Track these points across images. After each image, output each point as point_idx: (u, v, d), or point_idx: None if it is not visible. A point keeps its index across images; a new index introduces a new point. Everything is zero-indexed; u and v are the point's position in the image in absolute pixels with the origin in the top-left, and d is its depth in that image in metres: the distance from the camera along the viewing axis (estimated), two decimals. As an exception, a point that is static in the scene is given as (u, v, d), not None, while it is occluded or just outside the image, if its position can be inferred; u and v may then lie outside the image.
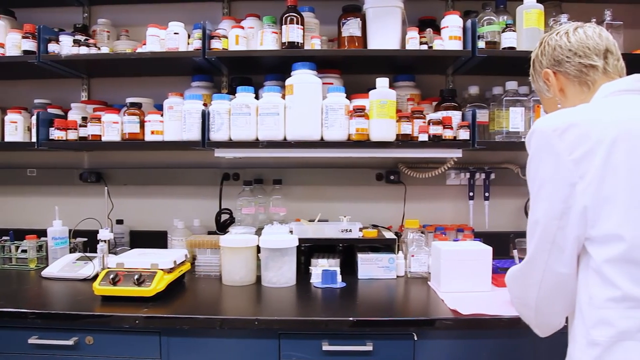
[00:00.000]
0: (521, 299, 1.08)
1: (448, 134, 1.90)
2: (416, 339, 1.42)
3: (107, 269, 1.62)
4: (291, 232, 1.87)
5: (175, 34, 1.95)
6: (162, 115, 1.98)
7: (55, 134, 2.00)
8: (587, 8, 2.10)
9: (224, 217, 2.19)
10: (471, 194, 2.22)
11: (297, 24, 1.89)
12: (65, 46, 2.00)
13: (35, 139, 1.99)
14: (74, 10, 2.32)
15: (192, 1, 2.28)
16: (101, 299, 1.56)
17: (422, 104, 2.09)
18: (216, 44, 1.93)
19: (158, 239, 2.18)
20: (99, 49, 2.05)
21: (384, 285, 1.78)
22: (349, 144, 1.88)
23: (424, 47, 1.92)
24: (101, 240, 1.85)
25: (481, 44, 1.88)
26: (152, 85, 2.30)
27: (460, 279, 1.64)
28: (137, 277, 1.55)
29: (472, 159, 2.24)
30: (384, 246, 1.95)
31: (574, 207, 0.94)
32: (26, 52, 1.98)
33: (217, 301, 1.64)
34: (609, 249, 0.92)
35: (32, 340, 1.45)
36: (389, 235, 1.96)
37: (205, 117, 1.90)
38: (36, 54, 1.97)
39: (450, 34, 1.91)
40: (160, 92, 2.12)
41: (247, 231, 1.88)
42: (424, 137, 1.89)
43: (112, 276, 1.56)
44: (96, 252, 1.89)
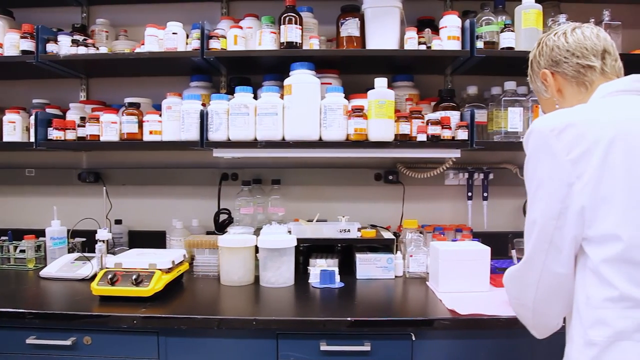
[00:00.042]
0: (519, 299, 1.08)
1: (446, 134, 1.90)
2: (414, 339, 1.42)
3: (105, 269, 1.62)
4: (289, 232, 1.87)
5: (174, 34, 1.95)
6: (160, 115, 1.98)
7: (54, 134, 2.00)
8: (586, 8, 2.11)
9: (222, 217, 2.19)
10: (470, 194, 2.22)
11: (295, 24, 1.89)
12: (63, 46, 2.00)
13: (33, 139, 1.99)
14: (72, 10, 2.32)
15: (190, 1, 2.28)
16: (99, 299, 1.56)
17: (420, 104, 2.09)
18: (215, 44, 1.92)
19: (157, 239, 2.18)
20: (97, 49, 2.05)
21: (383, 285, 1.78)
22: (347, 144, 1.88)
23: (423, 47, 1.92)
24: (99, 241, 1.84)
25: (480, 44, 1.88)
26: (150, 85, 2.30)
27: (458, 279, 1.64)
28: (135, 277, 1.55)
29: (471, 159, 2.24)
30: (383, 246, 1.95)
31: (572, 207, 0.94)
32: (24, 52, 1.98)
33: (215, 301, 1.64)
34: (606, 249, 0.92)
35: (30, 341, 1.45)
36: (387, 235, 1.96)
37: (203, 117, 1.90)
38: (34, 54, 1.97)
39: (449, 34, 1.91)
40: (159, 92, 2.12)
41: (246, 231, 1.88)
42: (422, 137, 1.89)
43: (110, 276, 1.56)
44: (94, 252, 1.88)
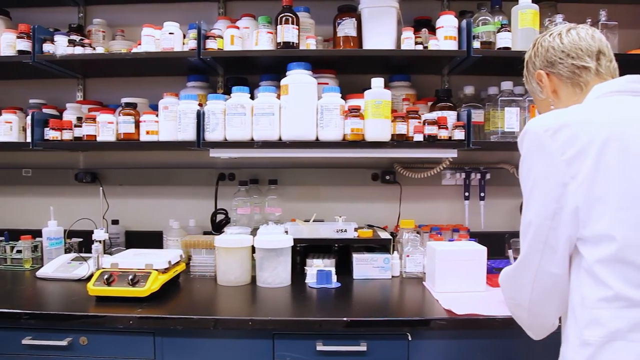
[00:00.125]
0: (514, 299, 1.09)
1: (443, 134, 1.90)
2: (410, 339, 1.42)
3: (102, 269, 1.62)
4: (286, 232, 1.87)
5: (171, 34, 1.95)
6: (157, 115, 1.98)
7: (50, 134, 2.00)
8: (583, 8, 2.11)
9: (219, 217, 2.19)
10: (467, 194, 2.22)
11: (292, 24, 1.89)
12: (60, 46, 1.99)
13: (30, 139, 1.99)
14: (69, 10, 2.31)
15: (187, 1, 2.28)
16: (95, 299, 1.56)
17: (417, 104, 2.09)
18: (211, 44, 1.92)
19: (153, 239, 2.18)
20: (94, 49, 2.05)
21: (379, 285, 1.78)
22: (344, 144, 1.88)
23: (420, 47, 1.92)
24: (96, 241, 1.84)
25: (476, 44, 1.89)
26: (147, 85, 2.30)
27: (455, 279, 1.64)
28: (131, 277, 1.55)
29: (468, 159, 2.24)
30: (379, 246, 1.95)
31: (566, 207, 0.94)
32: (21, 52, 1.97)
33: (212, 301, 1.64)
34: (600, 249, 0.92)
35: (26, 341, 1.45)
36: (384, 235, 1.96)
37: (200, 117, 1.90)
38: (31, 54, 1.97)
39: (446, 34, 1.92)
40: (156, 92, 2.11)
41: (243, 231, 1.87)
42: (419, 137, 1.89)
43: (106, 276, 1.56)
44: (91, 253, 1.88)
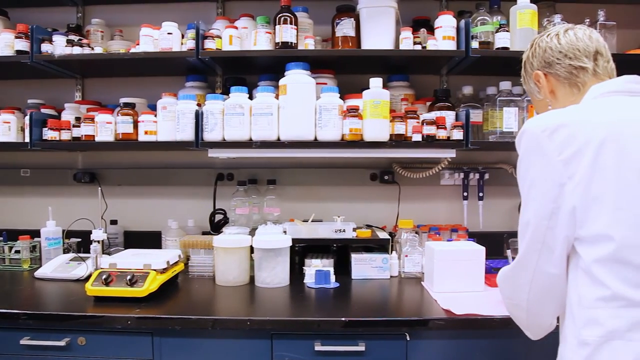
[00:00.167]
0: (512, 299, 1.09)
1: (442, 134, 1.90)
2: (409, 339, 1.42)
3: (100, 269, 1.61)
4: (285, 232, 1.87)
5: (169, 34, 1.95)
6: (155, 115, 1.98)
7: (49, 134, 2.00)
8: (581, 8, 2.11)
9: (218, 218, 2.19)
10: (465, 194, 2.22)
11: (290, 24, 1.89)
12: (58, 46, 1.99)
13: (28, 139, 1.99)
14: (67, 10, 2.31)
15: (185, 1, 2.28)
16: (94, 299, 1.56)
17: (415, 104, 2.09)
18: (210, 44, 1.92)
19: (152, 239, 2.17)
20: (92, 49, 2.04)
21: (378, 285, 1.78)
22: (342, 144, 1.88)
23: (418, 47, 1.92)
24: (94, 241, 1.84)
25: (475, 44, 1.89)
26: (145, 85, 2.30)
27: (453, 279, 1.64)
28: (129, 277, 1.55)
29: (466, 159, 2.24)
30: (378, 246, 1.95)
31: (563, 207, 0.95)
32: (19, 52, 1.97)
33: (210, 301, 1.64)
34: (598, 249, 0.92)
35: (24, 342, 1.45)
36: (382, 235, 1.96)
37: (198, 117, 1.90)
38: (29, 54, 1.96)
39: (444, 34, 1.92)
40: (154, 92, 2.11)
41: (241, 231, 1.87)
42: (417, 137, 1.89)
43: (104, 277, 1.56)
44: (90, 253, 1.88)
